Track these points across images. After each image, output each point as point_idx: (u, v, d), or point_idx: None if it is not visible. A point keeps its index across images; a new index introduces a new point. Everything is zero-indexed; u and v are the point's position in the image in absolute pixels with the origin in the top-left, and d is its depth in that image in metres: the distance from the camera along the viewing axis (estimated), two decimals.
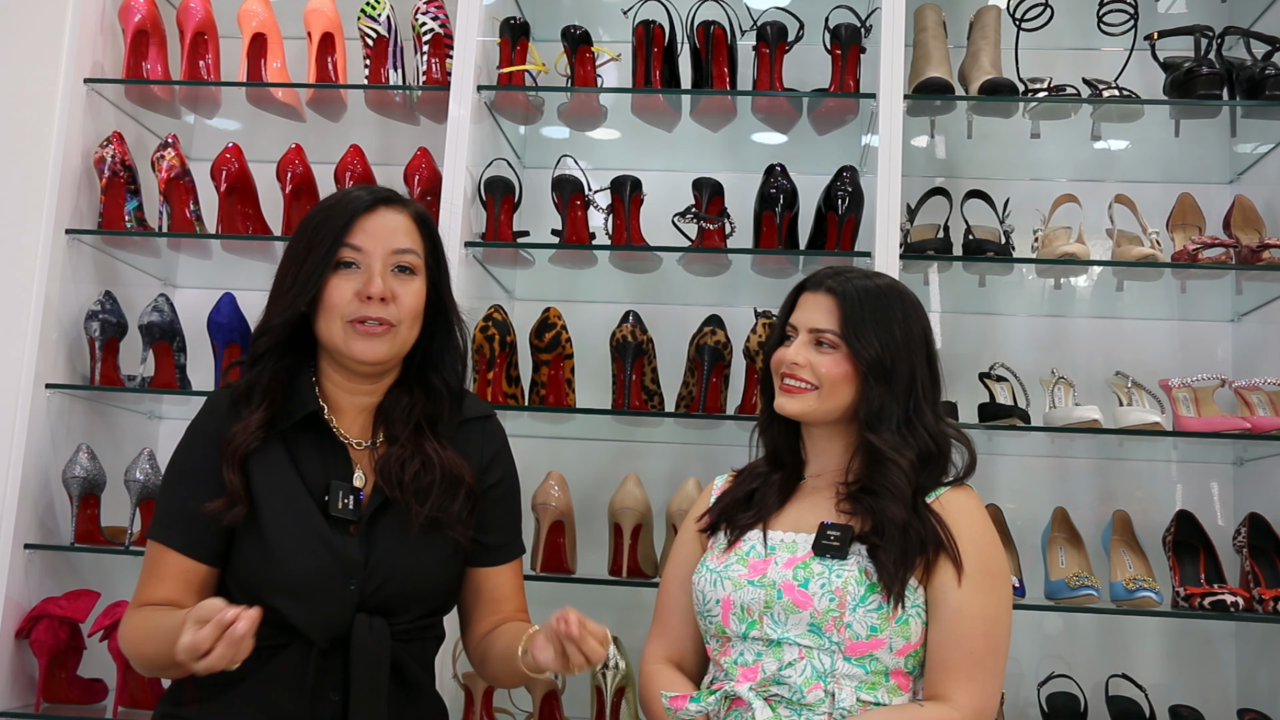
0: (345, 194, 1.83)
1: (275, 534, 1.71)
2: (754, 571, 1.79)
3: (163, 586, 1.74)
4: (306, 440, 1.79)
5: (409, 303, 1.78)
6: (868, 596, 1.72)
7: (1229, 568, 2.60)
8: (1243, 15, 2.86)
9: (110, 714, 2.56)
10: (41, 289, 2.61)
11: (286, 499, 1.74)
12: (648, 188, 2.73)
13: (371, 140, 2.89)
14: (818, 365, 1.83)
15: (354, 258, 1.76)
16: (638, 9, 2.74)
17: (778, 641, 1.75)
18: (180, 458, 1.81)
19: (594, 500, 2.80)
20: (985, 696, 1.73)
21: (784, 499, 1.89)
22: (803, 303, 1.90)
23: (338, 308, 1.75)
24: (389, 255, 1.77)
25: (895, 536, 1.74)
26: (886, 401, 1.81)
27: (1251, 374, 2.72)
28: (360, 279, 1.76)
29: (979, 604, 1.74)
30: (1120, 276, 2.67)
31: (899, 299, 1.87)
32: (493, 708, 2.56)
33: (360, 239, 1.77)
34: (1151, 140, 2.86)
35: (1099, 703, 2.66)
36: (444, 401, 1.85)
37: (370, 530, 1.75)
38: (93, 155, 2.74)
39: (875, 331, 1.82)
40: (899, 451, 1.80)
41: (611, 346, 2.64)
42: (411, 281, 1.79)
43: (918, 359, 1.85)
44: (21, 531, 2.55)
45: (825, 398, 1.84)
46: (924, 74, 2.67)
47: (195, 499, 1.73)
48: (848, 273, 1.90)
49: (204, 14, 2.82)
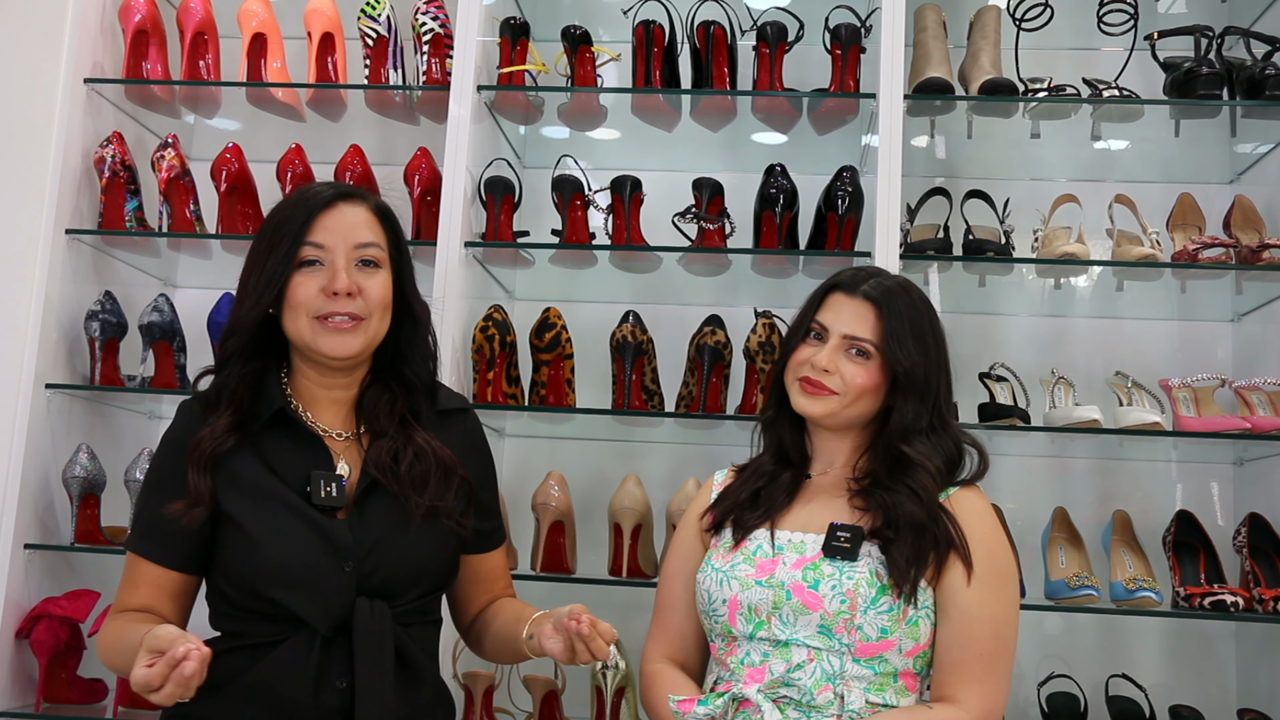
0: (304, 191, 1.84)
1: (259, 528, 1.72)
2: (761, 571, 1.78)
3: (139, 594, 1.76)
4: (279, 436, 1.79)
5: (376, 295, 1.78)
6: (879, 598, 1.72)
7: (1229, 568, 2.60)
8: (1243, 15, 2.86)
9: (110, 714, 2.56)
10: (41, 289, 2.61)
11: (264, 493, 1.74)
12: (648, 188, 2.73)
13: (371, 140, 2.89)
14: (849, 374, 1.82)
15: (316, 255, 1.77)
16: (638, 9, 2.74)
17: (786, 642, 1.75)
18: (153, 468, 1.85)
19: (594, 500, 2.79)
20: (994, 698, 1.73)
21: (791, 497, 1.87)
22: (835, 304, 1.87)
23: (304, 305, 1.76)
24: (351, 250, 1.78)
25: (908, 532, 1.74)
26: (918, 412, 1.81)
27: (1251, 374, 2.72)
28: (325, 275, 1.76)
29: (988, 605, 1.74)
30: (1120, 276, 2.67)
31: (927, 308, 1.88)
32: (493, 708, 2.56)
33: (321, 235, 1.77)
34: (1151, 140, 2.86)
35: (1099, 703, 2.66)
36: (420, 394, 1.86)
37: (359, 513, 1.76)
38: (93, 155, 2.74)
39: (914, 343, 1.82)
40: (930, 459, 1.80)
41: (611, 346, 2.64)
42: (376, 274, 1.80)
43: (942, 366, 1.86)
44: (21, 531, 2.55)
45: (850, 404, 1.83)
46: (924, 74, 2.67)
47: (166, 508, 1.73)
48: (878, 277, 1.89)
49: (204, 14, 2.82)
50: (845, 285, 1.88)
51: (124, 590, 1.78)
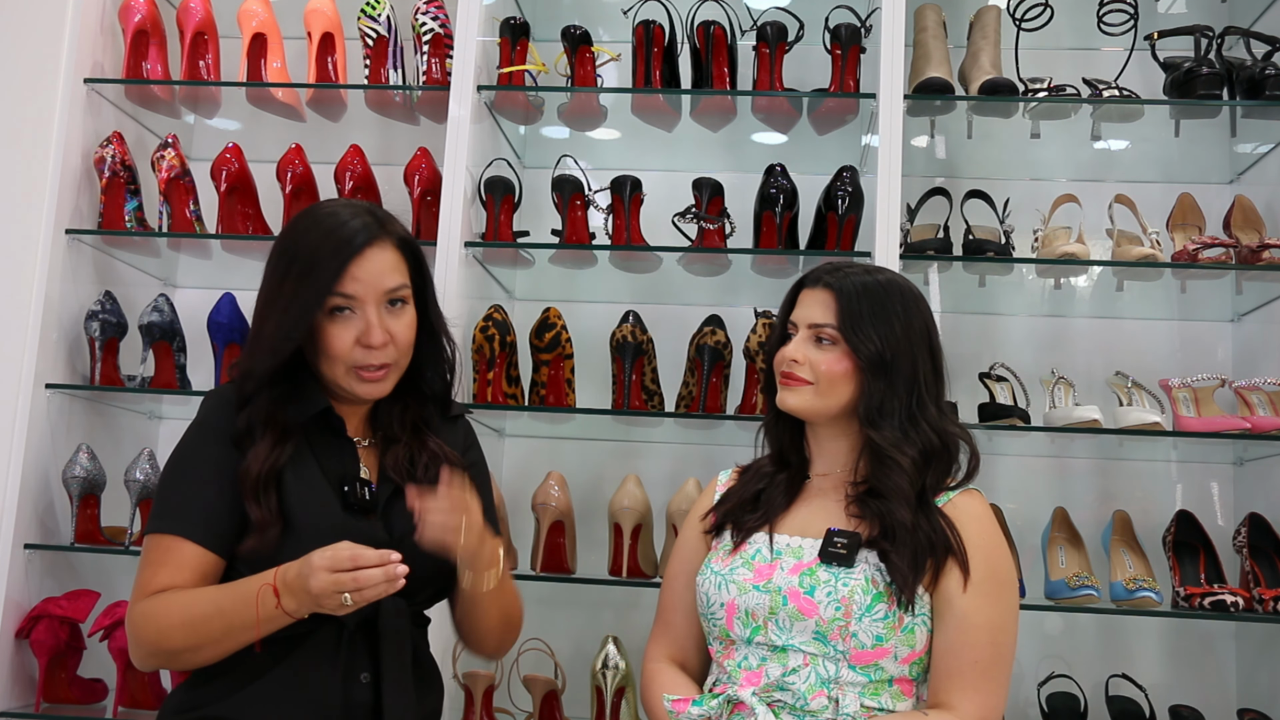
0: (334, 228, 1.77)
1: (304, 522, 1.72)
2: (759, 576, 1.78)
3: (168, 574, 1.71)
4: (321, 435, 1.81)
5: (404, 337, 1.79)
6: (874, 606, 1.71)
7: (1229, 568, 2.60)
8: (1243, 15, 2.86)
9: (110, 714, 2.56)
10: (41, 289, 2.61)
11: (311, 490, 1.75)
12: (648, 188, 2.73)
13: (371, 140, 2.89)
14: (816, 362, 1.82)
15: (347, 304, 1.75)
16: (638, 9, 2.75)
17: (782, 647, 1.74)
18: (188, 452, 1.80)
19: (594, 500, 2.80)
20: (991, 706, 1.72)
21: (790, 500, 1.87)
22: (802, 299, 1.89)
23: (340, 357, 1.76)
24: (381, 296, 1.77)
25: (906, 539, 1.73)
26: (887, 397, 1.79)
27: (1251, 374, 2.72)
28: (357, 325, 1.75)
29: (985, 612, 1.73)
30: (1120, 276, 2.67)
31: (899, 292, 1.85)
32: (492, 708, 2.56)
33: (353, 287, 1.74)
34: (1151, 140, 2.86)
35: (1099, 703, 2.66)
36: (431, 402, 1.90)
37: (387, 514, 1.79)
38: (93, 155, 2.74)
39: (874, 326, 1.80)
40: (900, 449, 1.78)
41: (611, 346, 2.64)
42: (403, 313, 1.80)
43: (919, 353, 1.82)
44: (21, 531, 2.55)
45: (823, 394, 1.82)
46: (924, 74, 2.67)
47: (206, 490, 1.73)
48: (846, 268, 1.88)
49: (204, 14, 2.82)
50: (810, 279, 1.89)
51: (157, 575, 1.71)
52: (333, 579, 1.56)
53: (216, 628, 1.66)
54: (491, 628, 1.86)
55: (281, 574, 1.63)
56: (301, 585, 1.59)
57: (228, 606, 1.65)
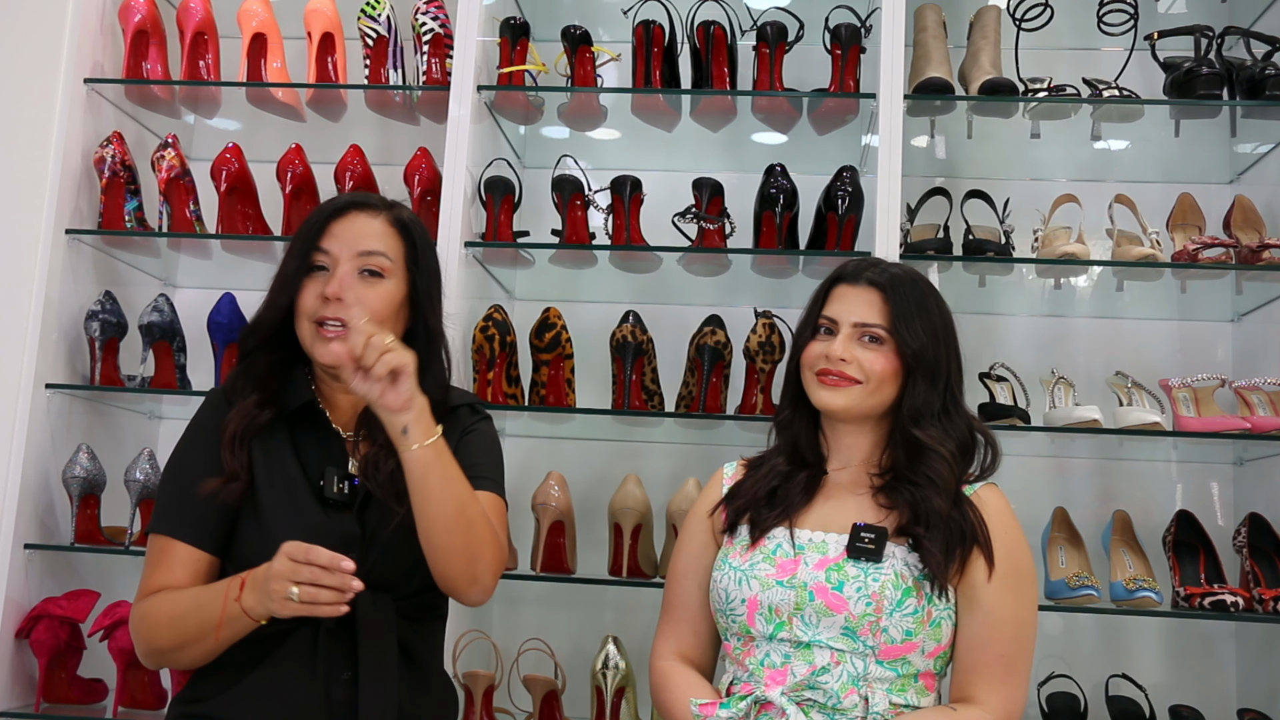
0: (328, 200, 1.88)
1: (272, 516, 1.74)
2: (782, 572, 1.76)
3: (167, 575, 1.75)
4: (306, 428, 1.82)
5: (374, 305, 1.77)
6: (904, 600, 1.71)
7: (1229, 568, 2.60)
8: (1243, 15, 2.86)
9: (110, 714, 2.56)
10: (41, 289, 2.61)
11: (285, 481, 1.77)
12: (648, 188, 2.73)
13: (371, 140, 2.89)
14: (866, 361, 1.81)
15: (324, 261, 1.80)
16: (638, 9, 2.74)
17: (808, 644, 1.73)
18: (181, 452, 1.84)
19: (594, 500, 2.79)
20: (1015, 699, 1.73)
21: (809, 496, 1.86)
22: (841, 295, 1.87)
23: (305, 310, 1.79)
24: (355, 257, 1.79)
25: (939, 526, 1.73)
26: (929, 395, 1.81)
27: (1251, 374, 2.72)
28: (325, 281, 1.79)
29: (1009, 605, 1.74)
30: (1120, 276, 2.67)
31: (930, 289, 1.88)
32: (492, 707, 2.56)
33: (329, 242, 1.80)
34: (1151, 140, 2.86)
35: (1099, 703, 2.66)
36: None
37: (364, 511, 1.78)
38: (93, 155, 2.74)
39: (923, 325, 1.82)
40: (941, 444, 1.79)
41: (611, 346, 2.64)
42: (378, 284, 1.80)
43: (952, 349, 1.86)
44: (21, 531, 2.55)
45: (872, 393, 1.82)
46: (924, 74, 2.67)
47: (197, 490, 1.75)
48: (881, 264, 1.89)
49: (204, 14, 2.82)
50: (849, 276, 1.89)
51: (154, 575, 1.76)
52: (290, 566, 1.57)
53: (193, 625, 1.67)
54: (448, 525, 1.67)
55: (254, 571, 1.64)
56: (264, 574, 1.60)
57: (204, 603, 1.68)
